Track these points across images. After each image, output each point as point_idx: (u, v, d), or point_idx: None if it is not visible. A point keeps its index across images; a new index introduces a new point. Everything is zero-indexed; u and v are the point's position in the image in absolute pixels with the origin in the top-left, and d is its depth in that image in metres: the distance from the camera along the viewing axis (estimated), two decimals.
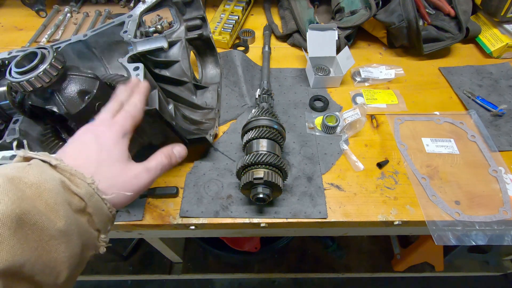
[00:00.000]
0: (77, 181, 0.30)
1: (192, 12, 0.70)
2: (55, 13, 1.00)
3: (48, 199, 0.27)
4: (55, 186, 0.28)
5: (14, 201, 0.25)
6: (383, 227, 0.58)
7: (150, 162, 0.38)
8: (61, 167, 0.30)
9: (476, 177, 0.60)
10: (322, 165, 0.62)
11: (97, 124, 0.37)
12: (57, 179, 0.29)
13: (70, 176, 0.30)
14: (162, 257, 1.23)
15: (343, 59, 0.75)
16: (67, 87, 0.46)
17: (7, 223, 0.23)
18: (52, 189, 0.28)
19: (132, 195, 0.35)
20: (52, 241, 0.26)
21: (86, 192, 0.30)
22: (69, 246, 0.28)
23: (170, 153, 0.41)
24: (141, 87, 0.44)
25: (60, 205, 0.27)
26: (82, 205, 0.30)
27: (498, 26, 0.84)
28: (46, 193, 0.27)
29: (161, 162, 0.39)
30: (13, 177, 0.26)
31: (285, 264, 1.30)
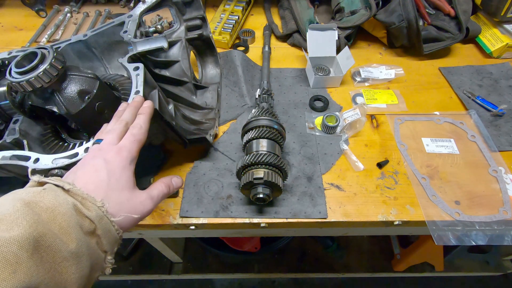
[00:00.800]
0: (88, 205, 0.32)
1: (192, 12, 0.70)
2: (55, 13, 1.00)
3: (62, 222, 0.28)
4: (68, 210, 0.29)
5: (31, 224, 0.26)
6: (383, 227, 0.58)
7: (153, 190, 0.41)
8: (74, 191, 0.32)
9: (476, 177, 0.60)
10: (322, 165, 0.62)
11: (105, 148, 0.39)
12: (70, 203, 0.30)
13: (82, 200, 0.32)
14: (162, 257, 1.23)
15: (343, 59, 0.75)
16: (67, 87, 0.46)
17: (25, 246, 0.25)
18: (65, 212, 0.29)
19: (138, 218, 0.38)
20: (64, 262, 0.27)
21: (97, 215, 0.31)
22: (79, 268, 0.29)
23: (169, 183, 0.43)
24: (145, 107, 0.45)
25: (73, 228, 0.29)
26: (92, 227, 0.31)
27: (498, 26, 0.84)
28: (60, 217, 0.29)
29: (162, 191, 0.42)
30: (29, 202, 0.28)
31: (285, 264, 1.30)
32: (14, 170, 0.48)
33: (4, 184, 0.57)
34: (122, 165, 0.37)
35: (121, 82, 0.57)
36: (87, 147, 0.45)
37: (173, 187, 0.44)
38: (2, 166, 0.46)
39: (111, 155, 0.38)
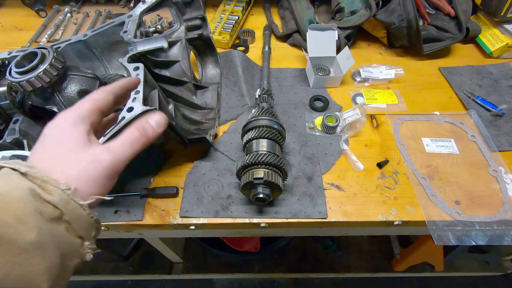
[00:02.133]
0: (50, 188, 0.28)
1: (192, 12, 0.70)
2: (55, 13, 1.00)
3: (16, 210, 0.25)
4: (24, 195, 0.26)
5: None
6: (383, 227, 0.58)
7: (114, 140, 0.34)
8: (31, 174, 0.28)
9: (476, 177, 0.60)
10: (322, 165, 0.62)
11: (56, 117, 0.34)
12: (26, 187, 0.27)
13: (42, 183, 0.28)
14: (162, 257, 1.23)
15: (343, 59, 0.75)
16: (67, 87, 0.46)
17: None
18: (20, 198, 0.26)
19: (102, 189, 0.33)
20: (23, 254, 0.25)
21: (60, 199, 0.28)
22: (46, 258, 0.26)
23: (143, 124, 0.36)
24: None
25: (30, 215, 0.26)
26: (57, 213, 0.28)
27: (498, 26, 0.84)
28: (14, 204, 0.25)
29: (129, 136, 0.34)
30: None
31: (285, 264, 1.30)
32: None
33: None
34: (65, 127, 0.32)
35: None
36: None
37: (151, 127, 0.37)
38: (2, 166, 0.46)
39: (57, 120, 0.33)
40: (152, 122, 0.37)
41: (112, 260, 1.27)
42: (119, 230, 0.59)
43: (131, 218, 0.55)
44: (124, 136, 0.35)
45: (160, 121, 0.38)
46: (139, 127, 0.36)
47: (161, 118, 0.38)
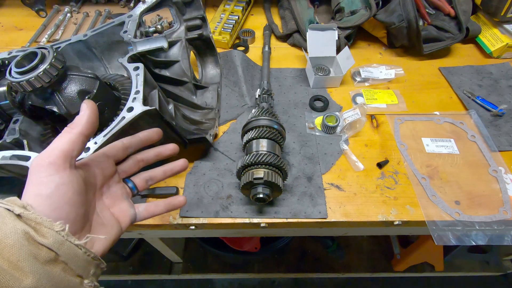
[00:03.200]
0: (44, 230, 0.27)
1: (192, 12, 0.70)
2: (55, 13, 1.00)
3: (10, 256, 0.25)
4: (18, 240, 0.26)
5: None
6: (383, 227, 0.58)
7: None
8: (26, 216, 0.27)
9: (476, 177, 0.60)
10: (322, 165, 0.62)
11: None
12: (20, 231, 0.26)
13: (36, 225, 0.27)
14: (162, 257, 1.23)
15: (343, 59, 0.75)
16: (67, 87, 0.46)
17: None
18: (13, 244, 0.25)
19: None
20: None
21: (55, 241, 0.28)
22: None
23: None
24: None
25: (25, 260, 0.26)
26: (51, 256, 0.27)
27: (498, 26, 0.84)
28: (7, 250, 0.25)
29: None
30: None
31: (285, 264, 1.30)
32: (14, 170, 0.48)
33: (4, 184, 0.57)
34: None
35: (121, 82, 0.57)
36: (88, 147, 0.45)
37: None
38: (2, 166, 0.46)
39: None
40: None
41: (112, 260, 1.27)
42: None
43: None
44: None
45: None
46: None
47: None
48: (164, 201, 0.42)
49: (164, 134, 0.56)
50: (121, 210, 0.38)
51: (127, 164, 0.42)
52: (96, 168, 0.37)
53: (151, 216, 0.41)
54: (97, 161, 0.37)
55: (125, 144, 0.40)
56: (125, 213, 0.38)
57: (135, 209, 0.40)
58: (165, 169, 0.44)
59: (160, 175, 0.44)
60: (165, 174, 0.44)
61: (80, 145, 0.32)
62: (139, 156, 0.43)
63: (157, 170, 0.44)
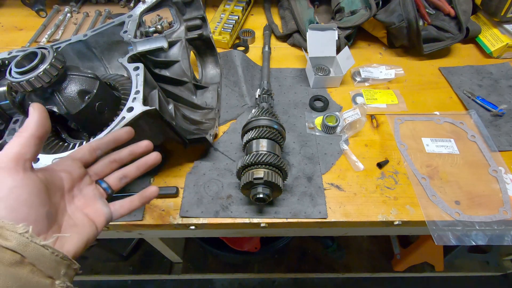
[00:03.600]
0: (6, 234, 0.27)
1: (192, 12, 0.70)
2: (55, 13, 1.00)
3: None
4: None
5: None
6: (383, 227, 0.58)
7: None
8: None
9: (476, 177, 0.60)
10: (322, 165, 0.62)
11: None
12: None
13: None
14: (162, 257, 1.23)
15: (343, 59, 0.75)
16: (67, 87, 0.46)
17: None
18: None
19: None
20: None
21: (19, 244, 0.27)
22: None
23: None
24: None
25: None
26: (17, 258, 0.27)
27: (498, 26, 0.84)
28: None
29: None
30: None
31: (285, 264, 1.30)
32: None
33: None
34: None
35: (121, 82, 0.57)
36: None
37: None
38: None
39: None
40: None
41: (112, 260, 1.27)
42: (119, 230, 0.59)
43: (131, 218, 0.55)
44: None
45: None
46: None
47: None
48: (138, 195, 0.42)
49: (164, 134, 0.56)
50: (95, 210, 0.38)
51: (98, 165, 0.41)
52: (62, 172, 0.36)
53: (128, 211, 0.41)
54: (62, 164, 0.37)
55: (92, 146, 0.40)
56: (99, 213, 0.38)
57: (109, 208, 0.39)
58: (138, 164, 0.43)
59: (133, 171, 0.43)
60: (139, 169, 0.43)
61: (33, 148, 0.32)
62: (112, 156, 0.42)
63: (130, 167, 0.43)
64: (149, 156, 0.43)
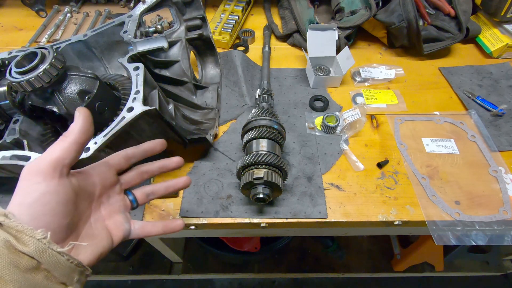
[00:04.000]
0: (25, 239, 0.27)
1: (192, 12, 0.70)
2: (55, 13, 1.00)
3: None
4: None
5: None
6: (383, 227, 0.58)
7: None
8: (6, 224, 0.27)
9: (476, 177, 0.60)
10: (322, 165, 0.62)
11: None
12: (0, 240, 0.26)
13: (17, 233, 0.27)
14: (162, 257, 1.23)
15: (343, 59, 0.75)
16: (67, 87, 0.46)
17: None
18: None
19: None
20: None
21: (36, 249, 0.27)
22: None
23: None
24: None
25: (5, 269, 0.25)
26: (33, 263, 0.27)
27: (498, 26, 0.84)
28: None
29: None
30: None
31: (285, 264, 1.30)
32: (14, 170, 0.48)
33: (4, 184, 0.57)
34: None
35: (121, 82, 0.57)
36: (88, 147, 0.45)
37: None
38: (2, 166, 0.46)
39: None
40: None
41: (112, 260, 1.27)
42: None
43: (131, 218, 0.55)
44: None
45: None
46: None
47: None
48: (162, 223, 0.42)
49: (164, 134, 0.56)
50: (116, 224, 0.38)
51: (130, 175, 0.41)
52: (96, 177, 0.36)
53: (146, 235, 0.41)
54: (98, 169, 0.37)
55: (128, 154, 0.40)
56: (119, 227, 0.38)
57: (130, 225, 0.39)
58: (167, 185, 0.44)
59: (162, 191, 0.43)
60: (167, 190, 0.44)
61: (73, 153, 0.32)
62: (143, 168, 0.42)
63: (159, 186, 0.44)
64: (180, 179, 0.45)
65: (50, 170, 0.30)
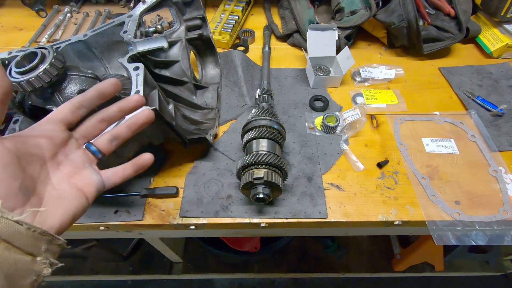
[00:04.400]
0: None
1: (192, 12, 0.70)
2: (55, 13, 1.00)
3: None
4: None
5: None
6: (383, 227, 0.58)
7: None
8: None
9: (476, 177, 0.60)
10: (322, 165, 0.62)
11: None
12: None
13: None
14: (162, 257, 1.23)
15: (343, 59, 0.75)
16: (67, 87, 0.47)
17: None
18: None
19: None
20: None
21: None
22: None
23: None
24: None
25: None
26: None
27: (498, 26, 0.84)
28: None
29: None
30: None
31: (285, 264, 1.30)
32: None
33: None
34: None
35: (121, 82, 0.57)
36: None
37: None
38: None
39: None
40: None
41: (112, 260, 1.27)
42: (119, 230, 0.59)
43: (131, 218, 0.55)
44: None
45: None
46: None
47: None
48: (130, 162, 0.39)
49: (164, 134, 0.56)
50: (84, 179, 0.35)
51: (84, 126, 0.37)
52: (39, 137, 0.33)
53: (122, 179, 0.37)
54: (39, 129, 0.34)
55: (74, 104, 0.36)
56: (89, 182, 0.35)
57: (101, 175, 0.36)
58: (129, 123, 0.38)
59: (124, 131, 0.38)
60: (130, 128, 0.39)
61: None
62: (99, 115, 0.38)
63: (120, 127, 0.39)
64: (142, 113, 0.39)
65: None
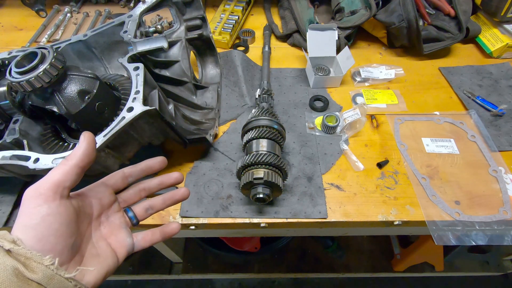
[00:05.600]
0: (33, 265, 0.28)
1: (192, 12, 0.70)
2: (55, 13, 1.00)
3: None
4: (7, 277, 0.26)
5: None
6: (383, 227, 0.58)
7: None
8: (16, 251, 0.27)
9: (476, 177, 0.60)
10: (322, 165, 0.62)
11: None
12: (9, 267, 0.26)
13: (26, 260, 0.27)
14: (162, 257, 1.23)
15: (343, 59, 0.75)
16: (67, 87, 0.46)
17: None
18: (3, 281, 0.26)
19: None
20: None
21: (44, 276, 0.28)
22: None
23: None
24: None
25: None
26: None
27: (498, 26, 0.84)
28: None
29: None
30: None
31: (285, 264, 1.30)
32: (14, 170, 0.48)
33: (4, 184, 0.57)
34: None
35: (121, 82, 0.57)
36: None
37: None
38: (2, 166, 0.46)
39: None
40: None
41: None
42: None
43: None
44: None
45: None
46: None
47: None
48: (160, 230, 0.42)
49: (164, 134, 0.56)
50: (119, 241, 0.38)
51: (128, 193, 0.42)
52: (93, 197, 0.37)
53: (150, 244, 0.42)
54: (95, 190, 0.37)
55: (125, 173, 0.40)
56: (122, 244, 0.38)
57: (132, 238, 0.40)
58: (165, 197, 0.43)
59: (159, 204, 0.43)
60: (165, 203, 0.43)
61: (74, 176, 0.32)
62: (142, 185, 0.42)
63: (157, 199, 0.43)
64: (177, 191, 0.43)
65: (50, 193, 0.30)
